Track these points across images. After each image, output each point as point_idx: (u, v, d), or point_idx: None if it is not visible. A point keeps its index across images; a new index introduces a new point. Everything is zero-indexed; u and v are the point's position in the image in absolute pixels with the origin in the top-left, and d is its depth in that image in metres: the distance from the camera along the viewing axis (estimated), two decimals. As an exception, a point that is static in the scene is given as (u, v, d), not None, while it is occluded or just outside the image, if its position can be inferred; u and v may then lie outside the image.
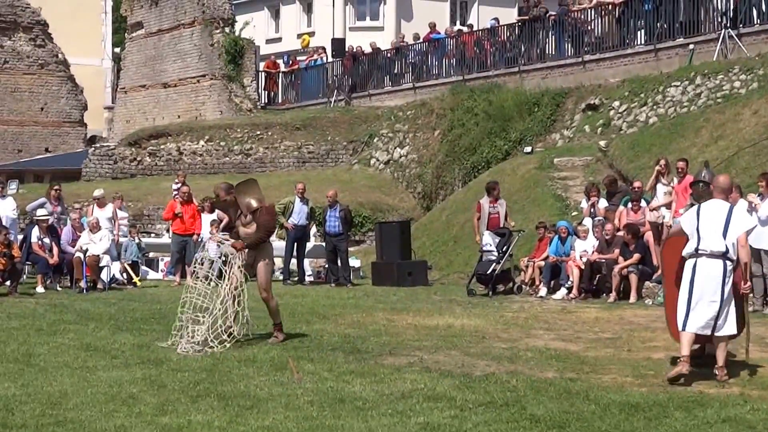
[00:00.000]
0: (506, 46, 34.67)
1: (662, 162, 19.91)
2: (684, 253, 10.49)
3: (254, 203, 12.80)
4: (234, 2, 45.68)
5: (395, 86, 38.44)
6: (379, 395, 9.40)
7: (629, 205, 20.01)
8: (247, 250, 12.76)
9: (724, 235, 10.36)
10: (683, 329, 10.39)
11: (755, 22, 27.45)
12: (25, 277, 22.06)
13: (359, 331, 14.08)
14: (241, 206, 12.85)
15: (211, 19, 41.63)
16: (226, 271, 12.57)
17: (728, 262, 10.35)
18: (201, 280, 13.08)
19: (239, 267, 12.51)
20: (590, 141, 27.92)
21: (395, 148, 34.99)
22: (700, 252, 10.39)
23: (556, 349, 12.46)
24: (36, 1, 46.29)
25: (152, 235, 27.71)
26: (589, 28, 31.75)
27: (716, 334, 10.39)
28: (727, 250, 10.34)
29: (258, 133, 37.12)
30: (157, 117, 43.43)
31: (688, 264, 10.45)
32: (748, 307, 10.78)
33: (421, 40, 38.27)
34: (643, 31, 30.28)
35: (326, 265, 24.30)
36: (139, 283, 21.82)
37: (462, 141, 31.77)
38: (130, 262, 22.82)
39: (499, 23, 36.03)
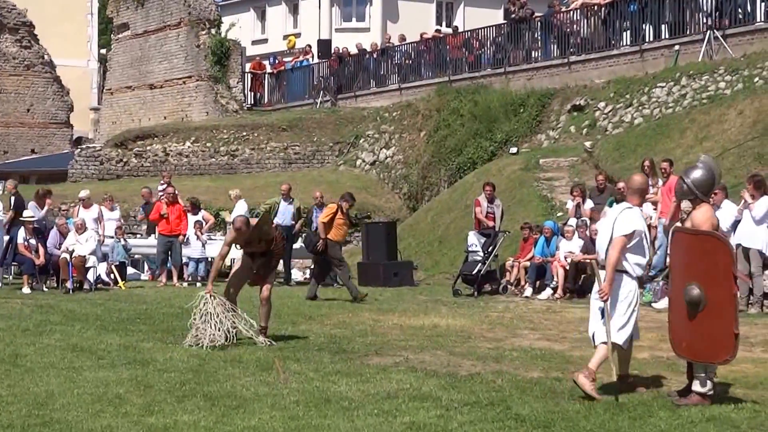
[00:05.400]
0: (492, 47, 34.73)
1: (646, 163, 19.96)
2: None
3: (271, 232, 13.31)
4: (220, 3, 45.68)
5: (381, 87, 38.47)
6: (365, 395, 9.43)
7: (614, 206, 20.02)
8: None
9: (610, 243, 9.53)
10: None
11: (740, 23, 27.55)
12: (11, 278, 22.03)
13: (345, 332, 14.11)
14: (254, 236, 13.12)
15: (197, 20, 41.58)
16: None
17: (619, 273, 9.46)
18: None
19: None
20: (576, 142, 27.98)
21: (381, 149, 35.01)
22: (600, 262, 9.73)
23: (541, 348, 12.51)
24: (22, 2, 46.19)
25: (138, 236, 27.65)
26: (575, 29, 31.81)
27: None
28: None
29: (244, 134, 37.11)
30: (143, 118, 43.36)
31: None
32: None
33: (407, 41, 38.32)
34: (628, 32, 30.36)
35: (312, 266, 24.28)
36: (123, 287, 21.75)
37: (448, 142, 31.81)
38: (117, 263, 22.78)
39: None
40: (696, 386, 9.14)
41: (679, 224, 9.80)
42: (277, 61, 44.04)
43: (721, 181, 14.55)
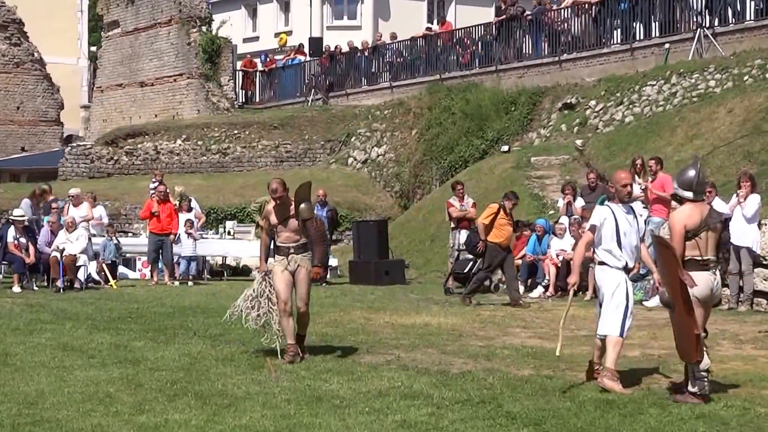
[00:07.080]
0: (483, 45, 34.73)
1: (638, 162, 19.99)
2: None
3: (306, 213, 11.74)
4: (211, 1, 45.60)
5: (372, 85, 38.46)
6: (356, 393, 9.43)
7: (605, 204, 20.04)
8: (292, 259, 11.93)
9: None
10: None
11: (730, 22, 27.60)
12: (1, 276, 21.99)
13: (337, 330, 14.11)
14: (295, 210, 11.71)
15: (188, 17, 41.52)
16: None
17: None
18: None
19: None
20: (567, 140, 28.02)
21: (373, 147, 35.01)
22: None
23: (532, 346, 12.52)
24: (12, -1, 46.11)
25: (129, 234, 27.60)
26: (566, 27, 31.83)
27: None
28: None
29: (235, 132, 37.10)
30: (134, 116, 43.29)
31: None
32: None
33: (398, 39, 38.32)
34: (619, 30, 30.40)
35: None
36: (115, 286, 21.70)
37: (439, 140, 31.81)
38: (109, 262, 22.72)
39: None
40: (689, 385, 9.20)
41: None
42: (268, 59, 43.99)
43: (706, 180, 14.56)
